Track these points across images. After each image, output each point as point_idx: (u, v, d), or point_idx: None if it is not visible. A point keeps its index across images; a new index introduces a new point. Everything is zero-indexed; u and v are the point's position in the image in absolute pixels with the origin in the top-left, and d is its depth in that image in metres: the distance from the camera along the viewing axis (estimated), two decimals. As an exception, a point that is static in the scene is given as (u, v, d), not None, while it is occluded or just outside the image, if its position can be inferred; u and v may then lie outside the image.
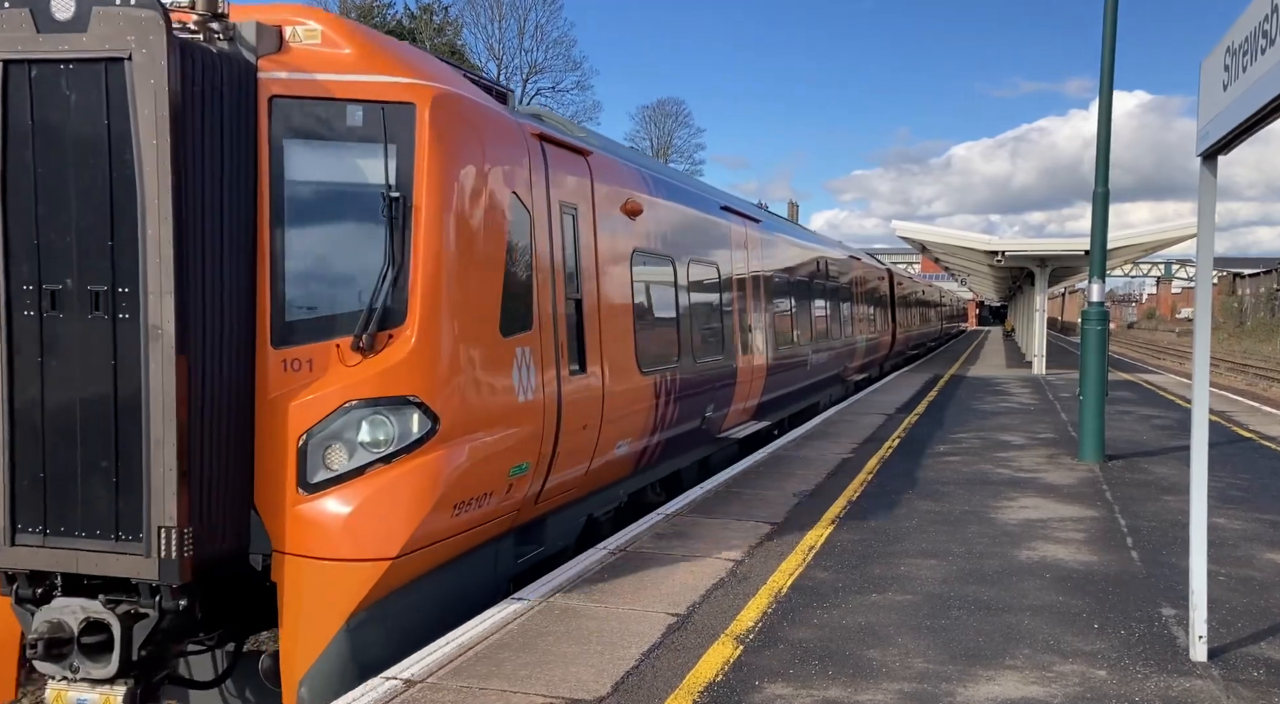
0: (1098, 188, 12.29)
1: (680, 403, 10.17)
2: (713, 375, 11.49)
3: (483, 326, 6.39)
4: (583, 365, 7.80)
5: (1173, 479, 11.06)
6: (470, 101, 6.56)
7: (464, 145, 6.29)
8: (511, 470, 6.68)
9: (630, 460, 9.25)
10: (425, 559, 6.06)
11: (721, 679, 5.20)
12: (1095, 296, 12.29)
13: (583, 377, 7.78)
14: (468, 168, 6.33)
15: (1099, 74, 12.24)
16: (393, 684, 5.10)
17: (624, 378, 8.66)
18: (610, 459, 8.62)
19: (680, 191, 11.41)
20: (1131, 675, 5.32)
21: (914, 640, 5.82)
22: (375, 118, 5.89)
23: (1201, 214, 5.55)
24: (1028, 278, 36.35)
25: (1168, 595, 6.71)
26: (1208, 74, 5.43)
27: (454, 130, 6.18)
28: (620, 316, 8.74)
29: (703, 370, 11.07)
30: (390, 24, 52.09)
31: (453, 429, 6.01)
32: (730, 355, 12.30)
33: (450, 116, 6.16)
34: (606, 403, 8.21)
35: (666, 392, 9.74)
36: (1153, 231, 26.03)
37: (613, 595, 6.58)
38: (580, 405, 7.70)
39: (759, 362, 13.70)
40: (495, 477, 6.53)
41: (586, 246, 8.09)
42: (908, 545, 8.04)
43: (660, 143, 68.75)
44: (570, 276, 7.75)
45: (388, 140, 5.88)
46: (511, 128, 7.04)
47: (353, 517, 5.69)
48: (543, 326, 7.11)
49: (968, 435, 14.80)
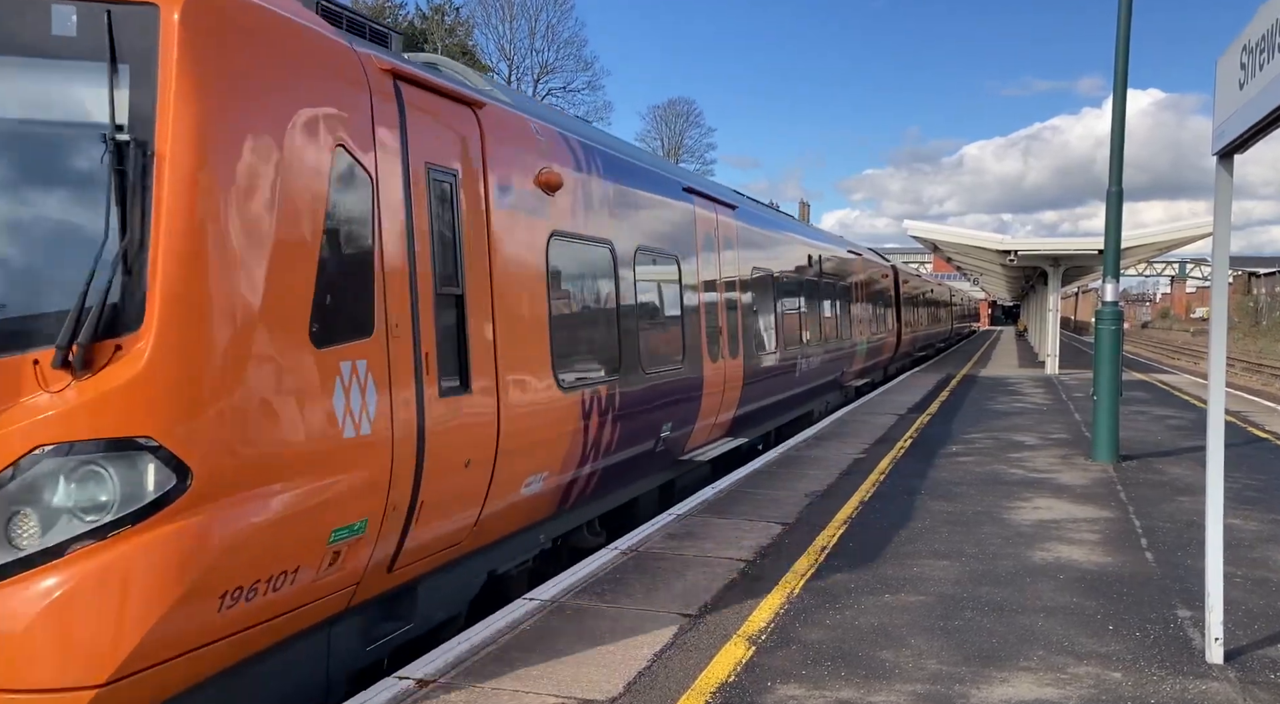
0: (1112, 187, 12.22)
1: (623, 422, 8.49)
2: (670, 387, 9.72)
3: (277, 333, 4.58)
4: (465, 381, 6.00)
5: (1187, 480, 10.99)
6: (259, 8, 4.70)
7: (245, 70, 4.51)
8: (334, 534, 4.90)
9: (550, 499, 7.49)
10: (176, 675, 4.27)
11: (734, 680, 5.19)
12: (1109, 296, 12.24)
13: (464, 396, 5.98)
14: (251, 103, 4.53)
15: (1113, 72, 12.18)
16: (406, 684, 5.11)
17: (534, 395, 6.89)
18: (516, 501, 6.82)
19: (625, 166, 9.34)
20: (1147, 677, 5.28)
21: (927, 641, 5.80)
22: (95, 23, 4.15)
23: (1218, 213, 5.52)
24: (1041, 277, 36.22)
25: (1183, 597, 6.67)
26: (1223, 72, 5.40)
27: (226, 46, 4.43)
28: (528, 318, 6.90)
29: (656, 381, 9.30)
30: (402, 24, 52.24)
31: (216, 484, 4.24)
32: (694, 363, 10.50)
33: (219, 25, 4.40)
34: (506, 429, 6.42)
35: (602, 410, 8.04)
36: (1167, 231, 25.91)
37: (624, 596, 6.58)
38: (459, 435, 5.89)
39: (734, 369, 11.95)
40: (305, 545, 4.75)
41: (474, 226, 6.25)
42: (920, 546, 8.01)
43: (671, 143, 68.77)
44: (444, 265, 5.88)
45: (115, 58, 4.14)
46: (340, 56, 5.18)
47: (42, 621, 3.88)
48: (393, 332, 5.29)
49: (980, 436, 14.75)
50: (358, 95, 5.20)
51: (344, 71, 5.17)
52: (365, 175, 5.21)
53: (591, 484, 8.23)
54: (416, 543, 5.70)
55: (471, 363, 6.10)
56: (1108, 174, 12.27)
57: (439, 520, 5.86)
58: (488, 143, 6.50)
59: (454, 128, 6.17)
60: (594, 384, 7.96)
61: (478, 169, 6.39)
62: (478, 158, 6.40)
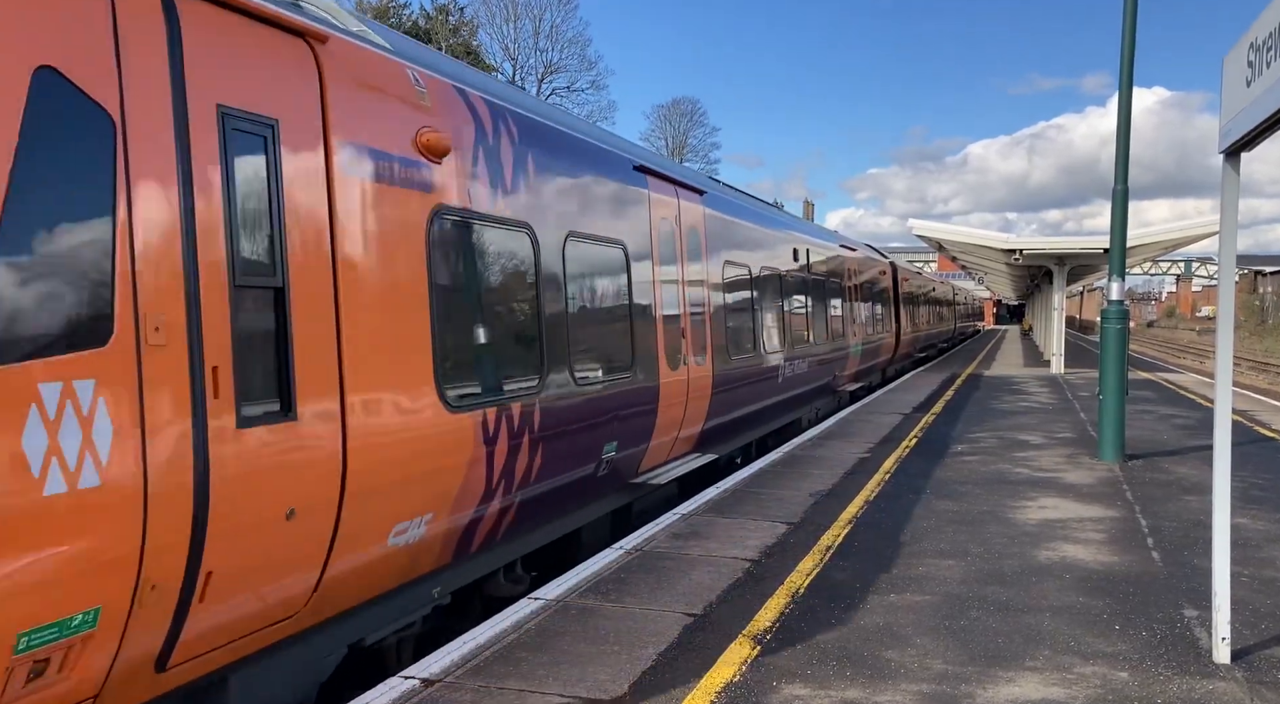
0: (1117, 185, 12.19)
1: (548, 444, 7.09)
2: (615, 399, 8.32)
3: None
4: (286, 404, 4.65)
5: (1194, 479, 10.96)
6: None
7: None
8: (28, 638, 3.51)
9: (441, 545, 6.05)
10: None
11: (739, 679, 5.18)
12: (1115, 295, 12.20)
13: (283, 425, 4.60)
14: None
15: (1118, 70, 12.15)
16: (411, 684, 5.11)
17: (404, 418, 5.48)
18: (382, 554, 5.44)
19: (551, 134, 7.69)
20: (1153, 677, 5.27)
21: (933, 641, 5.78)
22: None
23: (1224, 211, 5.50)
24: (1046, 276, 36.14)
25: (1190, 596, 6.64)
26: (1230, 70, 5.38)
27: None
28: (396, 318, 5.46)
29: (593, 394, 7.90)
30: (406, 24, 52.28)
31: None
32: (648, 370, 9.06)
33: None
34: (357, 464, 5.04)
35: (515, 431, 6.61)
36: (1173, 230, 25.83)
37: (629, 595, 6.57)
38: (274, 477, 4.55)
39: (700, 377, 10.52)
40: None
41: (306, 196, 4.86)
42: (926, 546, 7.99)
43: (675, 142, 68.81)
44: (251, 246, 4.53)
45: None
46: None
47: None
48: (149, 338, 3.94)
49: (985, 435, 14.72)
50: (96, 10, 3.86)
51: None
52: (98, 113, 3.81)
53: (505, 522, 6.78)
54: (207, 626, 4.34)
55: (298, 378, 4.68)
56: (1113, 172, 12.24)
57: (244, 593, 4.49)
58: (332, 88, 5.09)
59: (274, 65, 4.76)
60: (503, 400, 6.49)
61: (314, 121, 4.95)
62: (314, 106, 4.97)
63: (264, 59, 4.70)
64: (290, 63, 4.88)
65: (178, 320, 4.09)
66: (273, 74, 4.74)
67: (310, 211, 4.90)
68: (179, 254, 4.12)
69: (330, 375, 4.93)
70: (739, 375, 12.06)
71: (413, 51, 6.56)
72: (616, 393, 8.38)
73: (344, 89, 5.21)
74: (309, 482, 4.78)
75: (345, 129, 5.18)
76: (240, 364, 4.40)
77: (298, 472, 4.71)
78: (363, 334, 5.18)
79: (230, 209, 4.41)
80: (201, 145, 4.26)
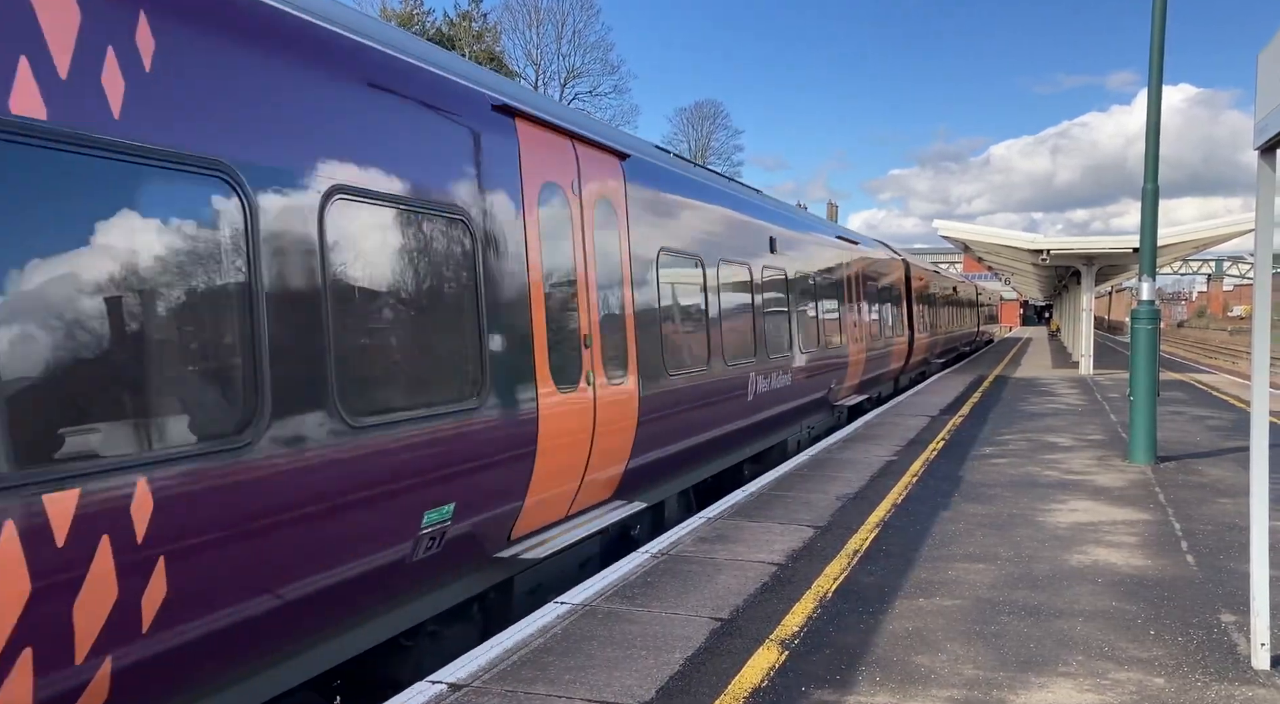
0: (1147, 184, 12.04)
1: (281, 532, 4.57)
2: (437, 442, 5.69)
3: None
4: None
5: (1228, 481, 10.79)
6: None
7: None
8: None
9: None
10: None
11: (767, 685, 5.14)
12: (1145, 295, 12.06)
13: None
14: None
15: (1144, 67, 12.00)
16: (439, 689, 5.10)
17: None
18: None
19: (286, 22, 4.84)
20: (1190, 683, 5.18)
21: (963, 646, 5.71)
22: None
23: (1259, 209, 5.40)
24: (1073, 276, 35.78)
25: (1226, 601, 6.53)
26: (1265, 66, 5.28)
27: None
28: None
29: (388, 438, 5.25)
30: (430, 31, 52.54)
31: None
32: (510, 394, 6.49)
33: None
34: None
35: (195, 510, 4.08)
36: (1204, 228, 25.51)
37: (656, 600, 6.54)
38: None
39: (618, 399, 8.11)
40: None
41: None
42: (955, 549, 7.91)
43: (698, 145, 68.82)
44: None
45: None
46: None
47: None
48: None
49: (1014, 437, 14.58)
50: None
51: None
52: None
53: (186, 673, 4.21)
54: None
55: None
56: (1142, 171, 12.08)
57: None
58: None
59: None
60: (162, 462, 3.92)
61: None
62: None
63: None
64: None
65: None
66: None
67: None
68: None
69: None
70: (683, 396, 9.59)
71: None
72: (443, 433, 5.74)
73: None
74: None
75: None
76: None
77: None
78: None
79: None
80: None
